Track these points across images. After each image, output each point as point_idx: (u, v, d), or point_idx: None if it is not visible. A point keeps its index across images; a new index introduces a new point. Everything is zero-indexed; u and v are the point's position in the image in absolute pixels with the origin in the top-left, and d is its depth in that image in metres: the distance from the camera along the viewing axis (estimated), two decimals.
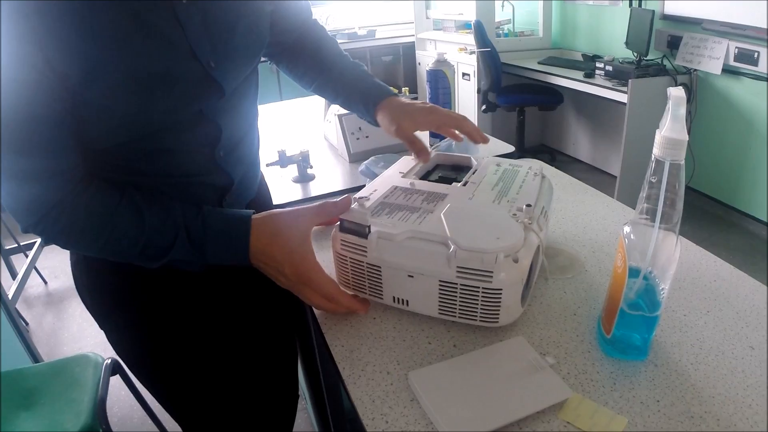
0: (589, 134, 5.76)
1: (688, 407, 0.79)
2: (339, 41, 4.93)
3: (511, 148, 1.81)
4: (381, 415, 0.80)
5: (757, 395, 0.80)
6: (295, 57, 1.34)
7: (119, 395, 2.69)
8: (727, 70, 4.18)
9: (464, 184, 1.10)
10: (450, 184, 1.12)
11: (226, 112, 1.02)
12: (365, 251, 0.95)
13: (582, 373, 0.86)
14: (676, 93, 0.72)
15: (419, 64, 6.63)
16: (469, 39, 5.41)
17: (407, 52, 6.78)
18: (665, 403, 0.80)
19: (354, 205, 1.01)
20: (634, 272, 0.81)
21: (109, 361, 1.88)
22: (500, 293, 0.88)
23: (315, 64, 1.33)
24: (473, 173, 1.15)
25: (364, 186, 1.26)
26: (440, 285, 0.91)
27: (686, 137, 0.72)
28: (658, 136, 0.73)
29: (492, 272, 0.86)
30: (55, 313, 3.50)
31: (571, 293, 1.06)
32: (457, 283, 0.89)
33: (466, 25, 5.88)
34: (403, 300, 0.97)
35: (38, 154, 0.81)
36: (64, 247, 0.93)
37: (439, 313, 0.95)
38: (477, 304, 0.90)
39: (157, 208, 0.92)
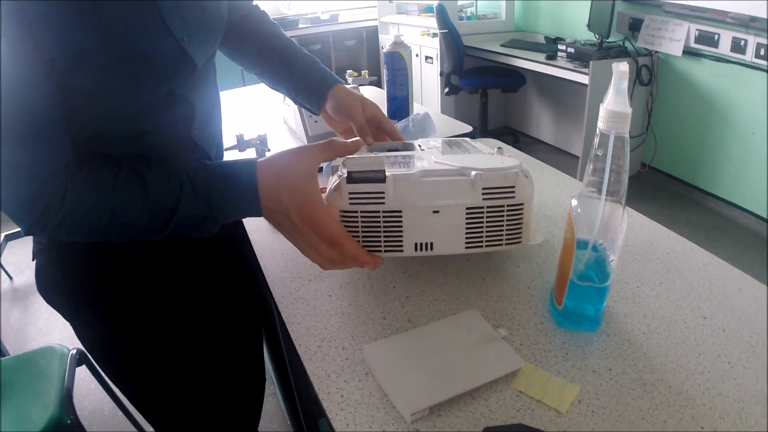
0: (551, 115, 5.81)
1: (639, 375, 0.81)
2: (302, 26, 4.92)
3: (468, 128, 1.82)
4: (336, 389, 0.81)
5: (708, 363, 0.83)
6: (240, 38, 1.34)
7: (89, 388, 2.67)
8: (688, 52, 4.25)
9: (423, 150, 1.11)
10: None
11: (196, 90, 1.03)
12: (383, 198, 0.91)
13: (534, 344, 0.88)
14: (619, 68, 0.74)
15: (382, 48, 6.60)
16: (432, 22, 5.41)
17: (370, 36, 6.77)
18: (617, 371, 0.82)
19: (342, 164, 0.98)
20: (583, 244, 0.83)
21: (75, 351, 1.87)
22: (522, 208, 0.92)
23: (261, 48, 1.34)
24: (420, 147, 1.16)
25: (320, 168, 1.26)
26: (467, 214, 0.92)
27: (629, 110, 0.74)
28: (602, 110, 0.75)
29: (514, 187, 0.90)
30: (21, 308, 3.46)
31: (524, 267, 1.08)
32: (483, 207, 0.91)
33: (428, 9, 5.89)
34: (426, 245, 0.95)
35: (33, 143, 0.80)
36: (69, 237, 0.89)
37: (466, 247, 0.95)
38: (502, 225, 0.93)
39: (157, 169, 0.89)
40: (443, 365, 0.82)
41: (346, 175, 0.91)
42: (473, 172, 0.90)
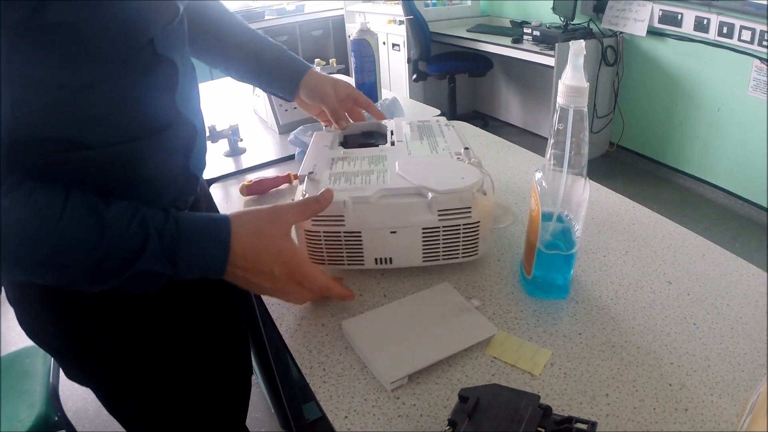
0: (519, 98, 5.85)
1: (609, 338, 0.85)
2: (268, 17, 4.89)
3: (436, 112, 1.85)
4: (318, 363, 0.84)
5: (675, 324, 0.87)
6: (203, 35, 1.27)
7: (72, 388, 2.66)
8: (652, 32, 4.29)
9: (392, 144, 1.14)
10: (377, 146, 1.15)
11: (176, 49, 0.93)
12: (342, 221, 0.94)
13: (506, 313, 0.91)
14: (575, 45, 0.76)
15: (349, 37, 6.61)
16: (398, 10, 5.41)
17: (337, 26, 6.75)
18: (587, 335, 0.86)
19: (306, 183, 1.01)
20: (548, 216, 0.87)
21: None
22: (478, 226, 0.94)
23: (226, 43, 1.31)
24: (392, 134, 1.19)
25: (293, 156, 1.28)
26: (423, 233, 0.95)
27: (586, 85, 0.77)
28: (561, 86, 0.78)
29: (470, 207, 0.92)
30: (2, 312, 3.38)
31: (494, 241, 1.11)
32: (439, 227, 0.94)
33: None
34: (386, 259, 0.99)
35: None
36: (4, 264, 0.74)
37: (424, 261, 0.98)
38: (459, 241, 0.95)
39: (116, 208, 0.79)
40: (419, 336, 0.85)
41: None
42: (430, 195, 0.92)
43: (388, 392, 0.77)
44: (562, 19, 4.64)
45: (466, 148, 1.06)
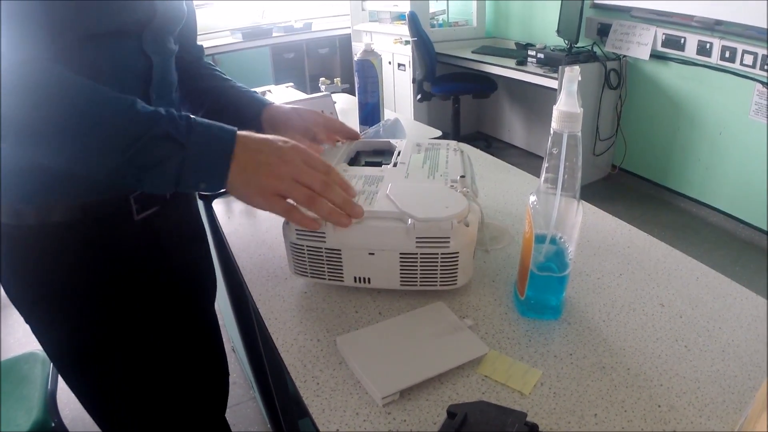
0: (523, 120, 5.88)
1: (599, 359, 0.86)
2: (275, 35, 4.94)
3: (438, 133, 1.86)
4: (312, 377, 0.84)
5: (666, 347, 0.88)
6: (191, 77, 1.32)
7: (69, 396, 2.67)
8: (655, 56, 4.33)
9: (395, 165, 1.15)
10: (379, 167, 1.16)
11: (156, 46, 1.03)
12: (324, 237, 0.95)
13: (499, 333, 0.92)
14: (569, 72, 0.78)
15: (355, 55, 6.65)
16: (404, 30, 5.46)
17: (343, 44, 6.81)
18: (578, 356, 0.86)
19: None
20: (541, 238, 0.88)
21: None
22: (457, 256, 0.94)
23: (206, 90, 1.33)
24: (398, 155, 1.20)
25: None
26: (401, 258, 0.95)
27: (579, 110, 0.78)
28: (556, 111, 0.80)
29: (448, 237, 0.92)
30: None
31: (489, 263, 1.12)
32: (417, 253, 0.94)
33: (401, 17, 5.93)
34: (364, 279, 1.00)
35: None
36: (18, 127, 0.80)
37: (401, 285, 0.99)
38: (436, 269, 0.95)
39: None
40: (412, 353, 0.86)
41: None
42: (410, 221, 0.92)
43: (379, 408, 0.78)
44: (566, 42, 4.68)
45: (462, 176, 1.06)
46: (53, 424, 1.66)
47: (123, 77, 0.99)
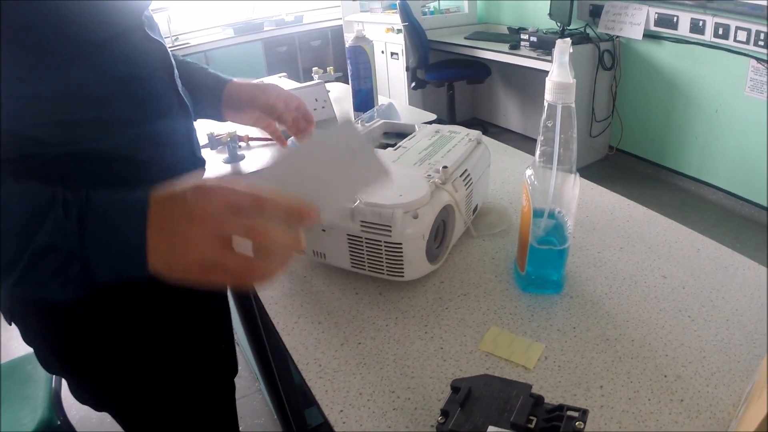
0: (518, 104, 5.86)
1: (603, 331, 0.85)
2: (266, 28, 4.90)
3: (432, 116, 1.85)
4: (314, 359, 0.84)
5: (669, 317, 0.87)
6: None
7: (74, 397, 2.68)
8: (648, 35, 4.31)
9: (396, 149, 1.14)
10: (385, 149, 1.15)
11: (153, 29, 0.98)
12: None
13: (501, 308, 0.92)
14: (560, 44, 0.77)
15: (347, 43, 6.64)
16: (396, 19, 5.44)
17: (335, 36, 6.78)
18: (581, 329, 0.86)
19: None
20: (539, 212, 0.87)
21: None
22: (401, 247, 0.92)
23: None
24: (409, 139, 1.19)
25: None
26: (348, 238, 0.95)
27: (572, 80, 0.78)
28: (549, 83, 0.79)
29: (390, 226, 0.90)
30: (2, 321, 3.36)
31: (489, 240, 1.12)
32: (362, 237, 0.93)
33: (392, 6, 5.91)
34: (320, 253, 1.01)
35: None
36: None
37: (352, 267, 0.99)
38: (382, 257, 0.94)
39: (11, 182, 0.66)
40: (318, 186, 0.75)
41: None
42: (357, 202, 0.91)
43: (383, 387, 0.78)
44: (559, 24, 4.66)
45: (445, 167, 1.03)
46: (59, 423, 1.66)
47: (152, 69, 0.95)
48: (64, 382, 1.75)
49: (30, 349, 1.13)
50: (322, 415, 0.76)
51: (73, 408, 2.64)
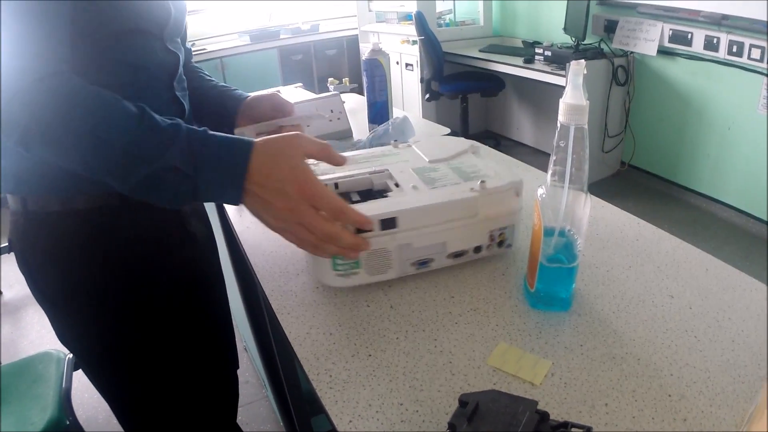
0: (531, 118, 5.88)
1: (610, 350, 0.86)
2: (283, 36, 4.94)
3: (446, 130, 1.87)
4: (325, 370, 0.85)
5: (675, 337, 0.88)
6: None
7: (83, 397, 2.70)
8: (663, 51, 4.32)
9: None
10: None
11: (175, 43, 1.13)
12: None
13: (509, 324, 0.93)
14: (575, 65, 0.79)
15: (363, 55, 6.65)
16: (412, 30, 5.47)
17: (351, 45, 6.82)
18: (588, 347, 0.87)
19: None
20: (550, 231, 0.89)
21: (71, 356, 1.89)
22: None
23: (191, 90, 1.32)
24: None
25: None
26: None
27: (585, 103, 0.79)
28: (562, 104, 0.80)
29: None
30: (12, 322, 3.46)
31: (499, 257, 1.13)
32: None
33: (407, 17, 5.94)
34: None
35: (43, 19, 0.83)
36: (43, 138, 0.83)
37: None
38: None
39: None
40: None
41: None
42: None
43: (391, 399, 0.79)
44: (573, 39, 4.68)
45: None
46: (68, 423, 1.68)
47: (154, 71, 1.07)
48: (74, 381, 1.79)
49: (41, 349, 1.17)
50: (332, 425, 0.77)
51: (81, 408, 2.68)
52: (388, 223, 0.95)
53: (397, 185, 1.06)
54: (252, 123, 1.34)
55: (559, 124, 0.81)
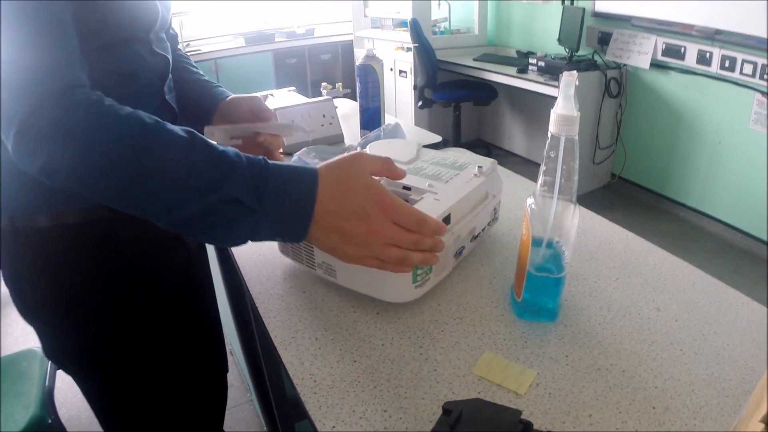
0: (523, 128, 5.89)
1: (595, 361, 0.86)
2: (277, 39, 4.94)
3: (437, 138, 1.86)
4: (310, 375, 0.85)
5: (661, 350, 0.88)
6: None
7: (66, 396, 2.69)
8: (655, 65, 4.35)
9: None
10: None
11: (161, 42, 1.11)
12: None
13: (495, 334, 0.93)
14: (567, 76, 0.79)
15: (357, 60, 6.66)
16: (406, 37, 5.48)
17: (346, 51, 6.82)
18: (573, 357, 0.87)
19: None
20: (538, 241, 0.89)
21: None
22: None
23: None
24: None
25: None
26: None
27: (576, 114, 0.79)
28: (553, 115, 0.80)
29: None
30: None
31: (487, 266, 1.13)
32: None
33: (402, 24, 5.95)
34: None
35: (58, 34, 0.77)
36: (73, 168, 0.74)
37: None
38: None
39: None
40: None
41: None
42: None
43: (375, 406, 0.79)
44: (567, 50, 4.70)
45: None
46: (50, 421, 1.67)
47: (144, 77, 1.05)
48: (57, 380, 1.78)
49: (25, 346, 1.16)
50: (315, 431, 0.77)
51: (64, 407, 2.66)
52: (446, 221, 0.97)
53: (407, 188, 1.06)
54: (227, 124, 1.28)
55: (549, 135, 0.81)
